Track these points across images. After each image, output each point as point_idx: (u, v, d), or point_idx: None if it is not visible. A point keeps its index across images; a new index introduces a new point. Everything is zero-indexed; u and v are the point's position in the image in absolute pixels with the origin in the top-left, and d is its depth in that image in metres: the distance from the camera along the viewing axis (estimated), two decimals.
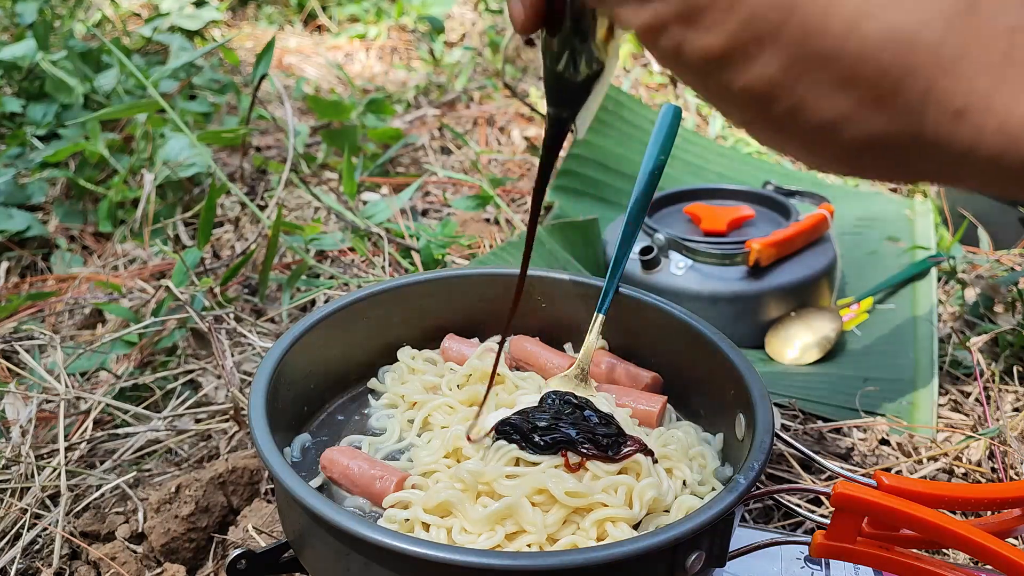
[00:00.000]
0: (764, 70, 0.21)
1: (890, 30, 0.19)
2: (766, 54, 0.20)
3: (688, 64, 0.22)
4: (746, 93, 0.21)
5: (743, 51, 0.21)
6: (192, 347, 0.77)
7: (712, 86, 0.22)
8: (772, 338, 0.78)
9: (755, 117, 0.22)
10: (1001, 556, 0.36)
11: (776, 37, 0.20)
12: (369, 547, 0.36)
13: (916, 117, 0.19)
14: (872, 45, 0.19)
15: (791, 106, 0.21)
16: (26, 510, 0.58)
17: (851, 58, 0.19)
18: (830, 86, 0.20)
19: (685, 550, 0.38)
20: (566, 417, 0.45)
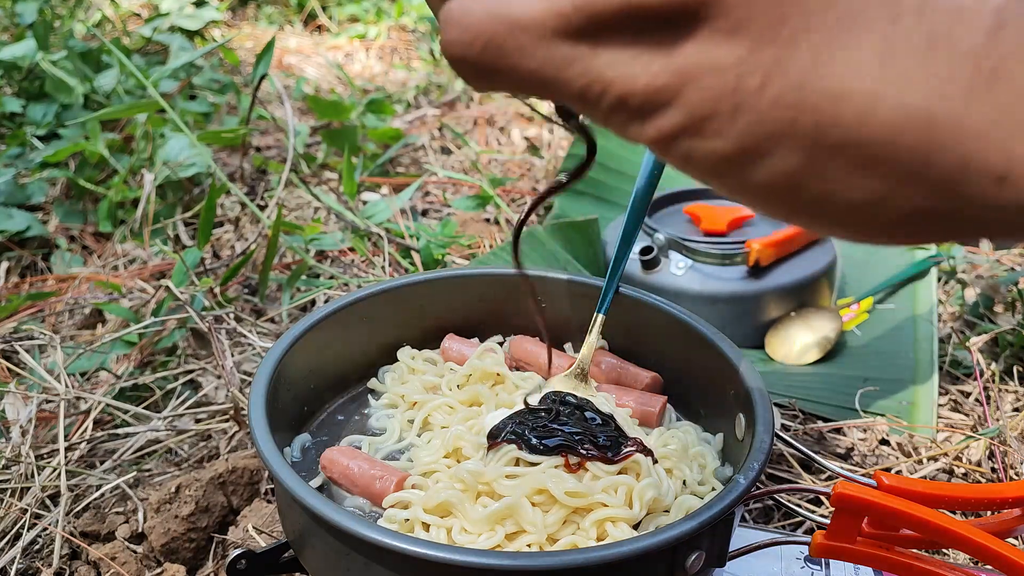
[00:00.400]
0: (782, 166, 0.20)
1: (905, 111, 0.18)
2: (782, 150, 0.20)
3: (702, 167, 0.21)
4: (767, 188, 0.21)
5: (755, 151, 0.20)
6: (192, 347, 0.77)
7: (730, 184, 0.21)
8: (772, 338, 0.78)
9: (782, 209, 0.21)
10: (1001, 556, 0.36)
11: (788, 134, 0.20)
12: (369, 547, 0.36)
13: (955, 188, 0.19)
14: (891, 128, 0.18)
15: (819, 194, 0.20)
16: (26, 510, 0.58)
17: (872, 143, 0.19)
18: (857, 170, 0.19)
19: (685, 550, 0.38)
20: (566, 417, 0.45)
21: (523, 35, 0.21)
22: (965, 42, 0.18)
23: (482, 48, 0.22)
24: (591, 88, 0.21)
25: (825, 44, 0.19)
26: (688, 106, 0.20)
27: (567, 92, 0.22)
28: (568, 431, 0.44)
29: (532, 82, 0.22)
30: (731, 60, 0.19)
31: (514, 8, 0.22)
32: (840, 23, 0.19)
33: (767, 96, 0.19)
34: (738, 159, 0.20)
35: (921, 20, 0.18)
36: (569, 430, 0.44)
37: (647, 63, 0.20)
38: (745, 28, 0.19)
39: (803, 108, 0.19)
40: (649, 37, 0.20)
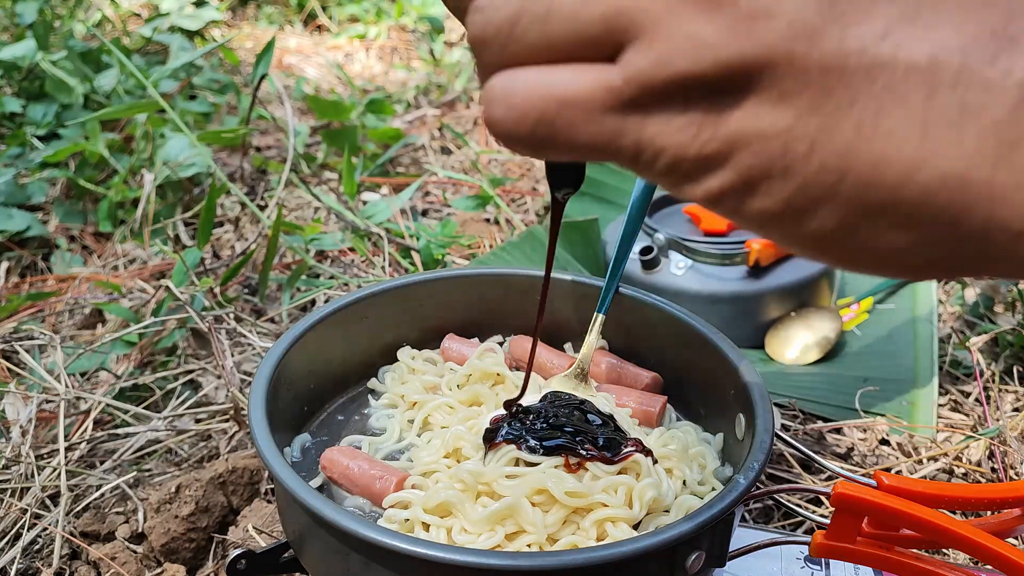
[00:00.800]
0: (825, 223, 0.21)
1: (942, 175, 0.20)
2: (824, 210, 0.21)
3: (748, 219, 0.23)
4: (809, 240, 0.22)
5: (801, 210, 0.21)
6: (192, 347, 0.77)
7: (774, 236, 0.23)
8: (772, 338, 0.78)
9: (822, 256, 0.23)
10: (1001, 556, 0.36)
11: (832, 196, 0.21)
12: (369, 547, 0.36)
13: (978, 242, 0.20)
14: (927, 191, 0.20)
15: (853, 247, 0.22)
16: (26, 510, 0.58)
17: (909, 205, 0.20)
18: (890, 228, 0.21)
19: (685, 550, 0.38)
20: (564, 417, 0.45)
21: (573, 111, 0.22)
22: (992, 115, 0.19)
23: (532, 126, 0.23)
24: (643, 155, 0.22)
25: (868, 115, 0.20)
26: (738, 170, 0.21)
27: (619, 159, 0.23)
28: (568, 431, 0.44)
29: (583, 152, 0.23)
30: (780, 128, 0.20)
31: (562, 85, 0.22)
32: (882, 95, 0.20)
33: (814, 162, 0.20)
34: (785, 216, 0.22)
35: (954, 94, 0.19)
36: (568, 430, 0.44)
37: (697, 131, 0.21)
38: (793, 98, 0.20)
39: (847, 173, 0.20)
40: (698, 105, 0.21)
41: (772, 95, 0.20)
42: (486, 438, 0.45)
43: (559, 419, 0.45)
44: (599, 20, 0.21)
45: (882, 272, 0.23)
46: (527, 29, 0.22)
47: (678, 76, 0.21)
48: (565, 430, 0.44)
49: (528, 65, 0.23)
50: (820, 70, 0.20)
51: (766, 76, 0.20)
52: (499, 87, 0.23)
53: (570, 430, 0.44)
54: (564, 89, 0.22)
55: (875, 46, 0.19)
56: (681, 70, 0.21)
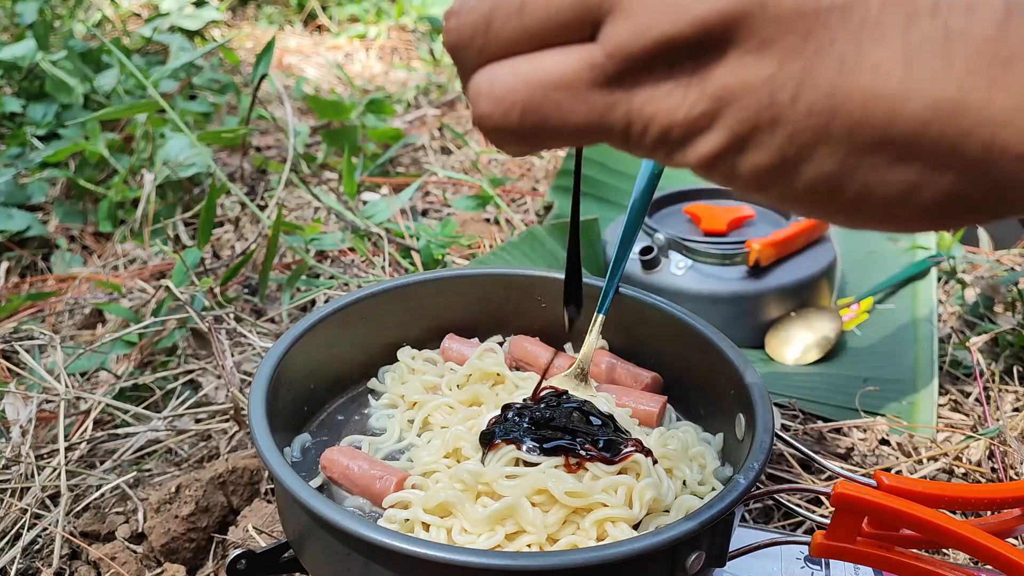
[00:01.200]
0: (822, 168, 0.21)
1: (933, 104, 0.19)
2: (820, 155, 0.21)
3: (745, 181, 0.22)
4: (808, 192, 0.22)
5: (795, 159, 0.21)
6: (192, 347, 0.77)
7: (772, 194, 0.22)
8: (772, 338, 0.78)
9: (823, 209, 0.22)
10: (1001, 556, 0.36)
11: (824, 138, 0.20)
12: (369, 547, 0.36)
13: (983, 168, 0.20)
14: (919, 122, 0.20)
15: (858, 190, 0.21)
16: (26, 510, 0.58)
17: (904, 137, 0.20)
18: (891, 164, 0.20)
19: (685, 550, 0.38)
20: (565, 417, 0.45)
21: (559, 93, 0.22)
22: (979, 34, 0.19)
23: (520, 115, 0.22)
24: (633, 128, 0.22)
25: (849, 52, 0.20)
26: (728, 127, 0.21)
27: (610, 137, 0.22)
28: (567, 431, 0.44)
29: (574, 135, 0.23)
30: (763, 77, 0.20)
31: (545, 69, 0.22)
32: (860, 31, 0.20)
33: (801, 106, 0.20)
34: (780, 168, 0.21)
35: (935, 19, 0.19)
36: (568, 430, 0.44)
37: (684, 93, 0.21)
38: (772, 45, 0.20)
39: (836, 113, 0.20)
40: (682, 68, 0.21)
41: (752, 46, 0.20)
42: (482, 440, 0.45)
43: (558, 419, 0.45)
44: (573, 2, 0.22)
45: (888, 223, 0.22)
46: (504, 23, 0.22)
47: (659, 40, 0.21)
48: (565, 430, 0.44)
49: (508, 58, 0.23)
50: (795, 15, 0.20)
51: (744, 28, 0.20)
52: (483, 82, 0.23)
53: (570, 430, 0.44)
54: (548, 72, 0.22)
55: None
56: (660, 34, 0.21)
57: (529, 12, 0.22)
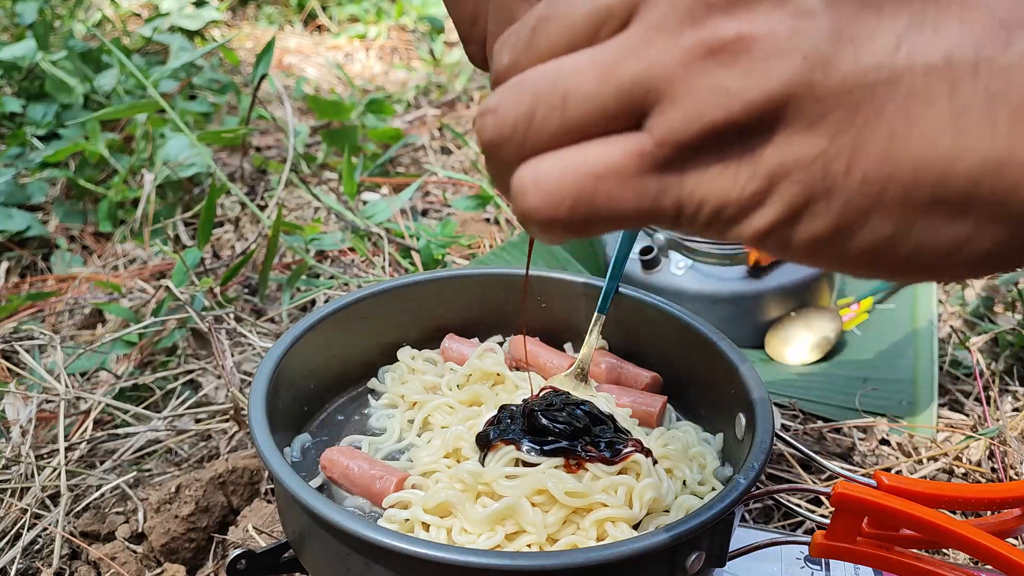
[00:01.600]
0: (877, 233, 0.22)
1: (982, 162, 0.20)
2: (875, 220, 0.21)
3: (799, 249, 0.23)
4: (862, 255, 0.22)
5: (851, 226, 0.22)
6: (192, 347, 0.77)
7: (825, 259, 0.23)
8: (772, 338, 0.78)
9: (879, 269, 0.23)
10: (1001, 556, 0.36)
11: (879, 204, 0.21)
12: (369, 547, 0.36)
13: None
14: (969, 180, 0.20)
15: (911, 250, 0.22)
16: (26, 510, 0.58)
17: (956, 196, 0.21)
18: (943, 222, 0.21)
19: (685, 550, 0.38)
20: (565, 417, 0.45)
21: (609, 183, 0.22)
22: (1018, 93, 0.20)
23: (571, 207, 0.22)
24: (684, 211, 0.22)
25: (899, 121, 0.20)
26: (783, 200, 0.22)
27: (661, 220, 0.23)
28: (567, 432, 0.44)
29: (624, 222, 0.23)
30: (816, 152, 0.21)
31: (593, 160, 0.22)
32: (907, 101, 0.20)
33: (855, 176, 0.21)
34: (835, 236, 0.22)
35: (976, 83, 0.20)
36: (568, 431, 0.44)
37: (735, 174, 0.22)
38: (822, 122, 0.21)
39: (890, 180, 0.21)
40: (732, 150, 0.21)
41: (802, 124, 0.21)
42: (479, 442, 0.45)
43: (557, 419, 0.45)
44: (618, 94, 0.22)
45: (941, 273, 0.23)
46: (546, 118, 0.22)
47: (709, 127, 0.21)
48: (565, 430, 0.44)
49: (551, 151, 0.23)
50: (842, 91, 0.20)
51: (792, 108, 0.21)
52: (527, 176, 0.23)
53: (570, 430, 0.44)
54: (596, 163, 0.22)
55: (890, 58, 0.20)
56: (710, 120, 0.21)
57: (572, 105, 0.22)
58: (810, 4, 0.21)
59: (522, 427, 0.44)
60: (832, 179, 0.21)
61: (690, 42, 0.21)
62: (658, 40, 0.21)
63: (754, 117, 0.21)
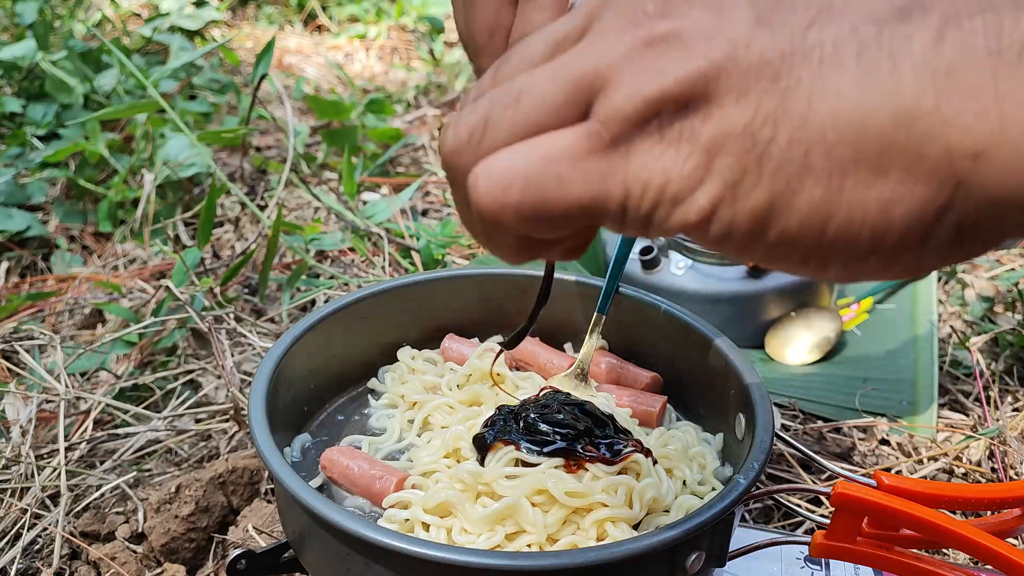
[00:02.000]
0: (811, 198, 0.22)
1: (892, 114, 0.21)
2: (806, 186, 0.22)
3: (744, 233, 0.23)
4: (803, 232, 0.23)
5: (786, 194, 0.22)
6: (192, 347, 0.77)
7: (771, 241, 0.23)
8: (772, 338, 0.78)
9: (821, 252, 0.23)
10: (1001, 556, 0.36)
11: (808, 167, 0.22)
12: (369, 547, 0.36)
13: (947, 172, 0.21)
14: (883, 133, 0.22)
15: (846, 218, 0.22)
16: (26, 510, 0.58)
17: (874, 149, 0.22)
18: (867, 181, 0.22)
19: (685, 550, 0.38)
20: (564, 418, 0.45)
21: (559, 164, 0.23)
22: (919, 52, 0.22)
23: (521, 191, 0.23)
24: (631, 194, 0.23)
25: (815, 85, 0.22)
26: (720, 175, 0.23)
27: (611, 208, 0.24)
28: (567, 432, 0.44)
29: (576, 209, 0.24)
30: (744, 121, 0.22)
31: (541, 145, 0.23)
32: (820, 67, 0.22)
33: (780, 141, 0.22)
34: (773, 209, 0.23)
35: (880, 47, 0.22)
36: (569, 431, 0.44)
37: (676, 152, 0.23)
38: (747, 93, 0.22)
39: (812, 140, 0.22)
40: (672, 129, 0.23)
41: (731, 97, 0.22)
42: (476, 444, 0.45)
43: (557, 419, 0.45)
44: (567, 87, 0.24)
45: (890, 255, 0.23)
46: (500, 118, 0.24)
47: (646, 102, 0.23)
48: (565, 431, 0.44)
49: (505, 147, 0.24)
50: (763, 62, 0.22)
51: (721, 82, 0.22)
52: (480, 168, 0.24)
53: (568, 432, 0.44)
54: (544, 147, 0.23)
55: (802, 35, 0.22)
56: (647, 95, 0.23)
57: (525, 102, 0.24)
58: (732, 3, 0.23)
59: (519, 428, 0.44)
60: (761, 147, 0.22)
61: (630, 39, 0.23)
62: (602, 44, 0.24)
63: (687, 91, 0.22)
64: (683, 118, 0.23)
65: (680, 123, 0.23)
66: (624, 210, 0.23)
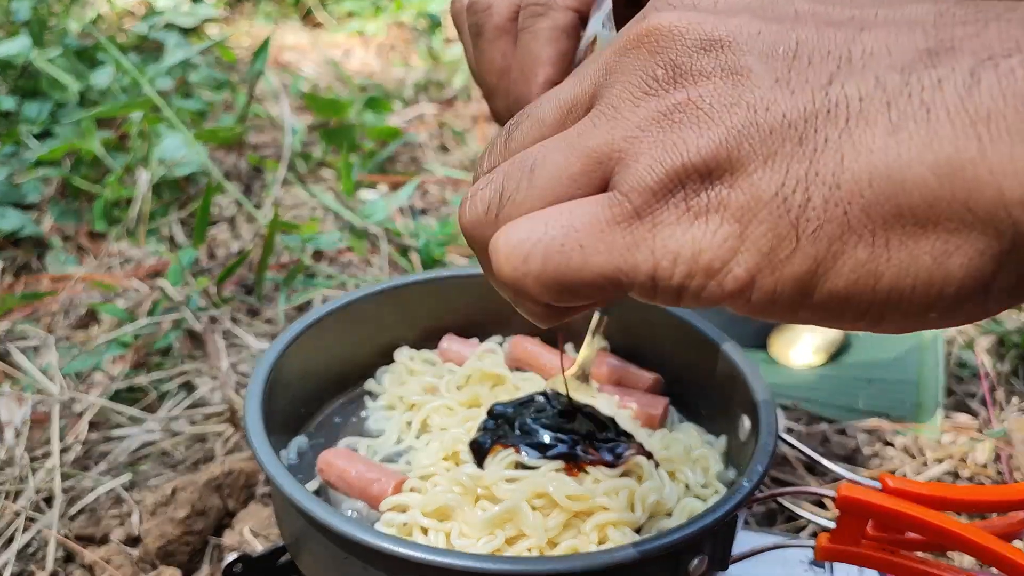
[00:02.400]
0: (856, 259, 0.21)
1: (933, 166, 0.20)
2: (848, 247, 0.21)
3: (788, 299, 0.22)
4: (852, 290, 0.22)
5: (829, 258, 0.22)
6: (188, 348, 0.76)
7: (816, 305, 0.22)
8: (776, 339, 0.77)
9: (872, 308, 0.22)
10: (1006, 559, 0.35)
11: (847, 228, 0.21)
12: (367, 551, 0.36)
13: (1003, 218, 0.20)
14: (925, 186, 0.21)
15: (896, 274, 0.21)
16: (20, 512, 0.57)
17: (919, 204, 0.21)
18: (915, 237, 0.21)
19: (687, 554, 0.37)
20: (565, 422, 0.45)
21: (582, 234, 0.23)
22: (953, 100, 0.20)
23: (541, 260, 0.23)
24: (660, 267, 0.23)
25: (845, 144, 0.21)
26: (755, 243, 0.22)
27: (638, 279, 0.23)
28: (568, 434, 0.43)
29: (600, 279, 0.23)
30: (774, 186, 0.22)
31: (564, 215, 0.23)
32: (848, 125, 0.21)
33: (815, 203, 0.21)
34: (817, 273, 0.22)
35: (911, 100, 0.21)
36: (569, 434, 0.44)
37: (705, 223, 0.22)
38: (774, 157, 0.22)
39: (849, 200, 0.21)
40: (698, 200, 0.22)
41: (757, 163, 0.22)
42: (473, 450, 0.44)
43: (558, 422, 0.44)
44: (583, 160, 0.23)
45: (950, 308, 0.22)
46: (516, 188, 0.24)
47: (669, 173, 0.22)
48: (565, 433, 0.44)
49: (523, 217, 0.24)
50: (786, 125, 0.21)
51: (745, 149, 0.22)
52: (499, 237, 0.24)
53: (571, 434, 0.44)
54: (564, 217, 0.23)
55: (823, 92, 0.22)
56: (670, 167, 0.22)
57: (540, 174, 0.24)
58: (746, 65, 0.22)
59: (517, 431, 0.44)
60: (796, 211, 0.21)
61: (645, 111, 0.23)
62: (616, 115, 0.23)
63: (710, 162, 0.22)
64: (709, 188, 0.22)
65: (707, 193, 0.22)
66: (654, 282, 0.23)
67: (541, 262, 0.23)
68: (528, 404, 0.46)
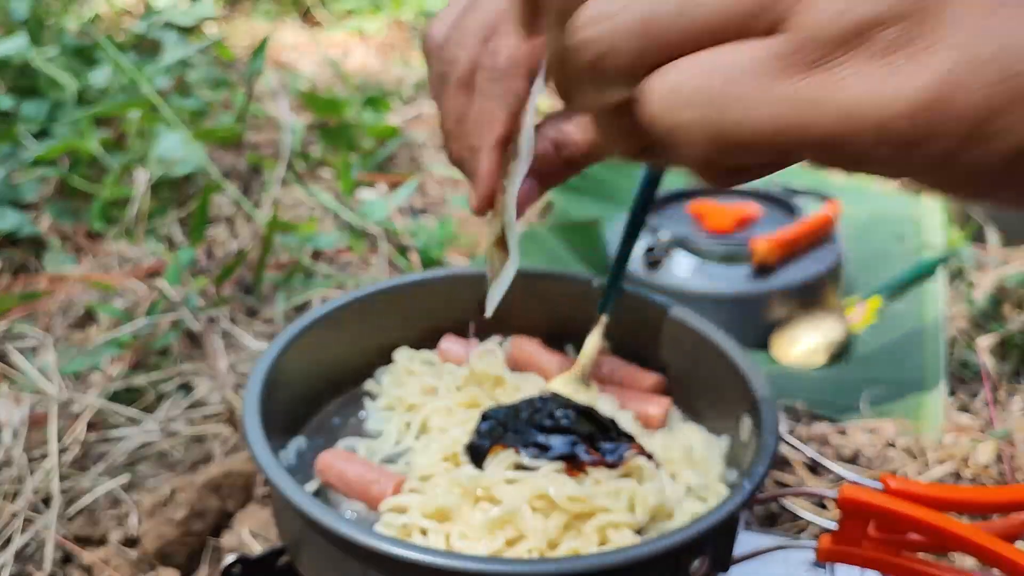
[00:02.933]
0: None
1: None
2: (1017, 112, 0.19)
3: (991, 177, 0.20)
4: None
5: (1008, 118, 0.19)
6: (186, 348, 0.76)
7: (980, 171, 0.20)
8: (777, 340, 0.77)
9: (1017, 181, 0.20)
10: (1008, 560, 0.35)
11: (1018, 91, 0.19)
12: (366, 553, 0.36)
13: None
14: None
15: None
16: (17, 513, 0.57)
17: None
18: None
19: (688, 556, 0.37)
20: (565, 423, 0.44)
21: (742, 85, 0.20)
22: None
23: (701, 112, 0.20)
24: (844, 127, 0.19)
25: None
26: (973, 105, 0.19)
27: (816, 140, 0.20)
28: (568, 435, 0.43)
29: (764, 140, 0.20)
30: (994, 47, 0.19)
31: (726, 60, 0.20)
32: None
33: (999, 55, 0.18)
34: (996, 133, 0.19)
35: None
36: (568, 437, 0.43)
37: (904, 78, 0.19)
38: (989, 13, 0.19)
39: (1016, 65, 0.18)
40: (895, 51, 0.19)
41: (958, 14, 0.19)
42: (471, 453, 0.44)
43: (558, 423, 0.44)
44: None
45: None
46: (666, 23, 0.21)
47: (858, 24, 0.19)
48: (565, 434, 0.43)
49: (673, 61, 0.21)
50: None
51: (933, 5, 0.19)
52: (655, 81, 0.21)
53: (571, 434, 0.43)
54: (725, 61, 0.20)
55: None
56: (861, 15, 0.19)
57: (700, 8, 0.20)
58: None
59: (516, 432, 0.44)
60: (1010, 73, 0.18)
61: None
62: None
63: (904, 11, 0.19)
64: (908, 41, 0.19)
65: (906, 45, 0.19)
66: (835, 140, 0.20)
67: (701, 112, 0.20)
68: (526, 406, 0.46)
